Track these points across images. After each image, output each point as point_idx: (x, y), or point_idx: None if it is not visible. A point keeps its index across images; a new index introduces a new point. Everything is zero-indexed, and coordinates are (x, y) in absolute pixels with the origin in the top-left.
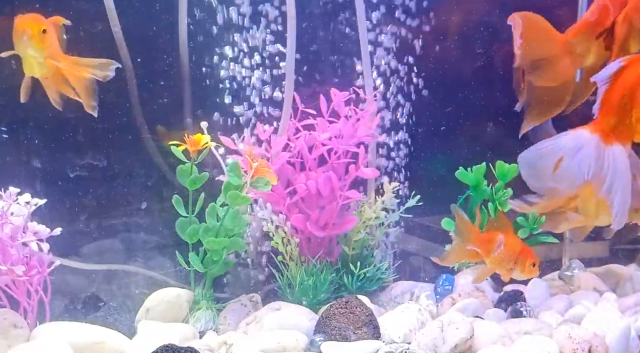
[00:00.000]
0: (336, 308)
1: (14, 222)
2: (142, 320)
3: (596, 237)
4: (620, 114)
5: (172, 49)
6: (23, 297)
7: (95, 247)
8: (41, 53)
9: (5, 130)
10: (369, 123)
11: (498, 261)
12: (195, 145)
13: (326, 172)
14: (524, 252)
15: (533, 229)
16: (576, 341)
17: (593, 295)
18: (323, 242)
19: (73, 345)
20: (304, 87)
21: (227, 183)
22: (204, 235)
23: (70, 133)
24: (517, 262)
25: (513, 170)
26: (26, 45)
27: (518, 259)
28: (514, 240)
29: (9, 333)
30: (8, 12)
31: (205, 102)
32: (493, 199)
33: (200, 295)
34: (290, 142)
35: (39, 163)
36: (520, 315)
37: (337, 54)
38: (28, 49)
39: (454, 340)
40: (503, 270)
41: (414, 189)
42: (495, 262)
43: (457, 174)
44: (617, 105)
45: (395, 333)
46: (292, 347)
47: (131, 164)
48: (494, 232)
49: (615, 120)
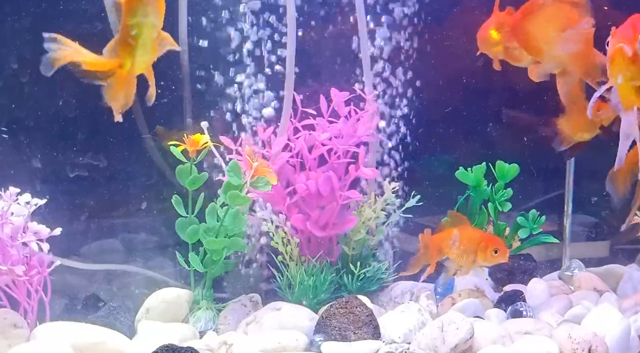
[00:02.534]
0: (336, 308)
1: (14, 222)
2: (142, 320)
3: (596, 237)
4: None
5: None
6: (23, 297)
7: (95, 247)
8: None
9: (5, 130)
10: (369, 123)
11: (459, 254)
12: (195, 145)
13: (326, 172)
14: (484, 240)
15: (533, 229)
16: (576, 341)
17: (593, 295)
18: (323, 242)
19: (73, 345)
20: (304, 87)
21: (227, 183)
22: (204, 235)
23: (70, 133)
24: (477, 251)
25: (513, 170)
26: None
27: (478, 249)
28: (471, 233)
29: (9, 333)
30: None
31: (206, 102)
32: (493, 199)
33: (200, 295)
34: (290, 142)
35: (39, 163)
36: (520, 315)
37: (337, 53)
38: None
39: (454, 340)
40: (467, 262)
41: (413, 189)
42: (457, 256)
43: (457, 174)
44: None
45: (395, 333)
46: (292, 347)
47: (131, 163)
48: (449, 230)
49: None
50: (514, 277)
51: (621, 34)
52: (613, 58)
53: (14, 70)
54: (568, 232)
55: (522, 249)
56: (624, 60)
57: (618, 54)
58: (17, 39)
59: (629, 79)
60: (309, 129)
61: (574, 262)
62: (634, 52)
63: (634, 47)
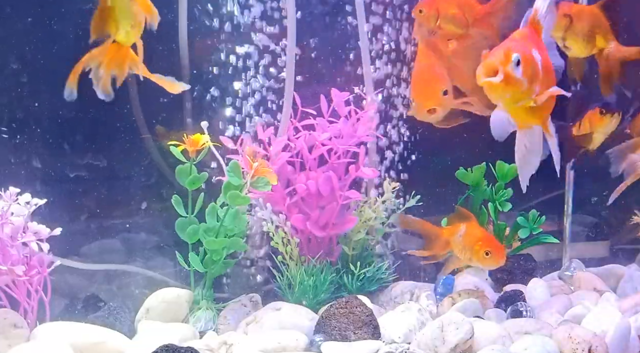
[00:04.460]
0: (336, 308)
1: (14, 222)
2: (142, 320)
3: (596, 237)
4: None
5: (172, 47)
6: (23, 297)
7: (95, 247)
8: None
9: (5, 130)
10: (369, 123)
11: (460, 250)
12: (194, 145)
13: (326, 172)
14: (481, 241)
15: (533, 229)
16: (576, 341)
17: (593, 295)
18: (323, 242)
19: (73, 345)
20: (304, 86)
21: (227, 183)
22: (204, 235)
23: (70, 133)
24: (472, 250)
25: (513, 170)
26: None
27: (474, 248)
28: (473, 231)
29: (9, 333)
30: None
31: (206, 101)
32: (493, 199)
33: (200, 295)
34: (291, 142)
35: (39, 163)
36: (520, 315)
37: (336, 53)
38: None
39: (454, 340)
40: (465, 259)
41: (413, 189)
42: (459, 251)
43: (457, 174)
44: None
45: (395, 333)
46: (292, 347)
47: (131, 163)
48: (457, 224)
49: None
50: (514, 277)
51: (490, 58)
52: (485, 85)
53: (14, 70)
54: (568, 232)
55: (522, 249)
56: (497, 88)
57: (487, 86)
58: (16, 37)
59: (510, 103)
60: (309, 129)
61: (574, 262)
62: (505, 76)
63: (504, 70)
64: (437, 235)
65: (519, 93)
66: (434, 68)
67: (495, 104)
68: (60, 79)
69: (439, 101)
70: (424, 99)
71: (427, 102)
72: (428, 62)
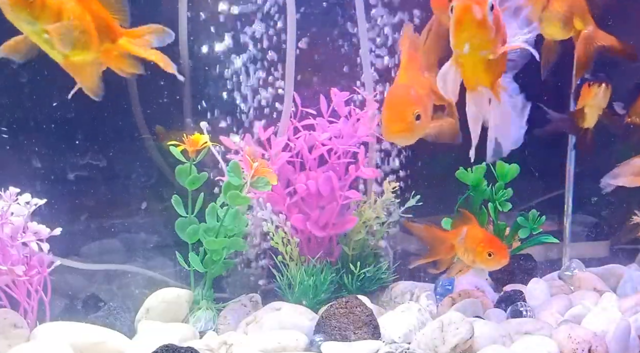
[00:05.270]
0: (336, 308)
1: (14, 222)
2: (142, 320)
3: (596, 237)
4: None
5: (172, 47)
6: (23, 297)
7: (95, 247)
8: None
9: (5, 130)
10: (369, 123)
11: (463, 252)
12: (194, 145)
13: (326, 172)
14: (484, 242)
15: (533, 229)
16: (576, 341)
17: (593, 295)
18: (323, 242)
19: (73, 345)
20: (303, 86)
21: (227, 183)
22: (204, 235)
23: (70, 133)
24: (475, 252)
25: (513, 170)
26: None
27: (477, 249)
28: (476, 233)
29: (9, 333)
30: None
31: (205, 101)
32: (493, 199)
33: (200, 295)
34: (290, 142)
35: (39, 163)
36: (520, 315)
37: (336, 53)
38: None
39: (454, 340)
40: (468, 261)
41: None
42: (462, 253)
43: (457, 174)
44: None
45: (395, 333)
46: (292, 347)
47: (131, 163)
48: (460, 227)
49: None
50: (514, 277)
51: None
52: (460, 21)
53: (14, 70)
54: (568, 232)
55: (522, 249)
56: (473, 23)
57: (466, 15)
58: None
59: (476, 48)
60: (309, 129)
61: (574, 262)
62: (484, 16)
63: (483, 10)
64: (442, 239)
65: (485, 40)
66: (409, 89)
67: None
68: (60, 79)
69: (407, 126)
70: (391, 122)
71: (394, 126)
72: (405, 82)
